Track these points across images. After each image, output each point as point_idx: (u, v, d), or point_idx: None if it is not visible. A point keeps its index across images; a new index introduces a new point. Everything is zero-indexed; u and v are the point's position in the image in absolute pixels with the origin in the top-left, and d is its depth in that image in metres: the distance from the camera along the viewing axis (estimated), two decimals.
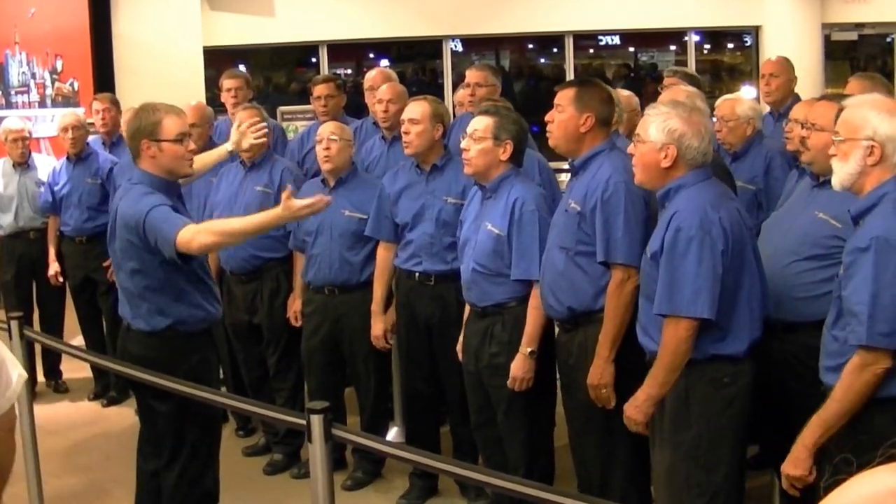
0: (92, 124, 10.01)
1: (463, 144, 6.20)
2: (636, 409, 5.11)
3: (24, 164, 9.82)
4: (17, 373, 3.16)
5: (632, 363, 5.29)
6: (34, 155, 10.17)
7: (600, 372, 5.53)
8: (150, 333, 5.79)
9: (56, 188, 9.51)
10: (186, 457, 5.88)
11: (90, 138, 9.71)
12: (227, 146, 6.81)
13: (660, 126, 4.98)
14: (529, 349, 6.01)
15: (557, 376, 6.14)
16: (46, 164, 10.01)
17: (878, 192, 4.39)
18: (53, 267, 9.60)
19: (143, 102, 5.90)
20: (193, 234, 5.46)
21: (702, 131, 5.01)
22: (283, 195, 5.47)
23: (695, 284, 4.79)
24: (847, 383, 4.28)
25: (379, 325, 7.16)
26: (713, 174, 5.18)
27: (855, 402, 4.27)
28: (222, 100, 9.62)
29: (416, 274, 6.94)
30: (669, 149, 4.95)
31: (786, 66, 8.72)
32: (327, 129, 7.36)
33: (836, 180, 4.50)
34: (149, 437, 6.06)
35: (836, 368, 4.39)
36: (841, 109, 4.62)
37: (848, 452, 4.21)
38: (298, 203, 5.45)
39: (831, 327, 4.52)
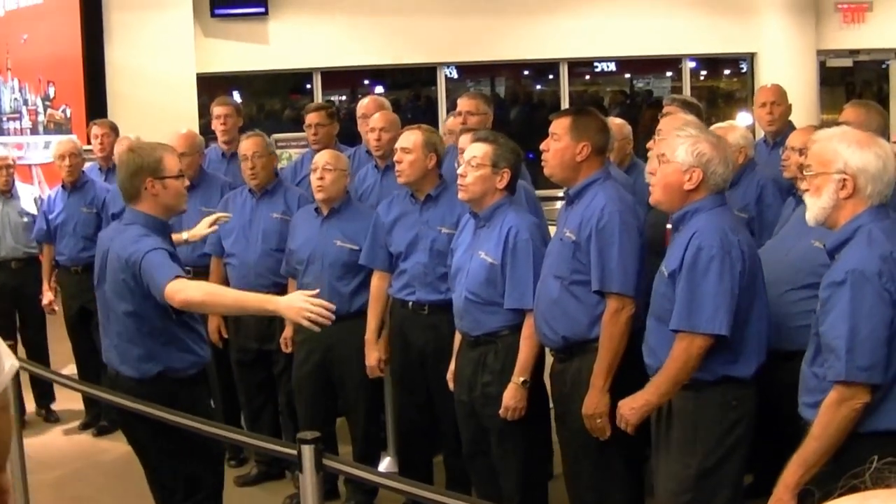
0: (88, 150, 9.97)
1: (460, 171, 6.18)
2: (632, 411, 5.12)
3: (7, 192, 9.77)
4: (10, 363, 3.57)
5: (627, 393, 5.27)
6: (18, 185, 10.11)
7: (595, 402, 5.50)
8: (141, 381, 5.74)
9: (51, 216, 9.44)
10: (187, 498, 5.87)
11: (85, 165, 9.66)
12: (184, 235, 6.82)
13: (689, 149, 5.00)
14: (522, 378, 5.98)
15: (551, 405, 6.11)
16: (30, 194, 9.97)
17: (852, 225, 4.40)
18: (48, 296, 9.54)
19: (132, 142, 5.90)
20: (182, 287, 5.39)
21: (727, 159, 5.08)
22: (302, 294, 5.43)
23: (715, 302, 4.83)
24: (825, 420, 4.26)
25: (373, 355, 7.11)
26: None
27: (835, 439, 4.25)
28: (213, 127, 9.60)
29: (410, 303, 6.91)
30: (695, 172, 4.98)
31: (784, 93, 8.72)
32: (322, 158, 7.33)
33: (810, 215, 4.52)
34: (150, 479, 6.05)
35: (816, 405, 4.38)
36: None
37: (811, 484, 4.19)
38: (305, 299, 5.34)
39: (810, 363, 4.51)
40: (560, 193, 6.12)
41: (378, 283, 7.13)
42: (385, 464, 7.90)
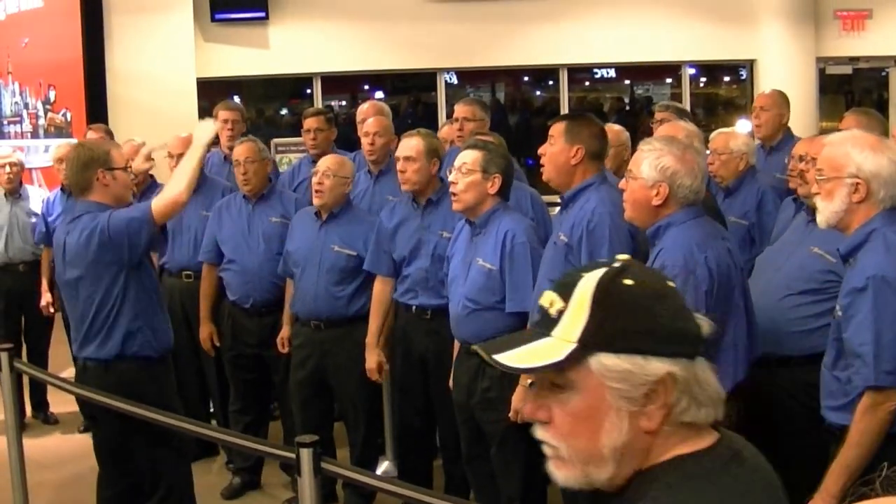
0: None
1: (451, 178, 6.19)
2: None
3: (14, 192, 9.77)
4: None
5: None
6: (28, 186, 10.12)
7: None
8: (106, 364, 5.90)
9: (50, 219, 9.42)
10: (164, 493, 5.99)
11: None
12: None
13: (653, 163, 4.95)
14: (529, 381, 5.94)
15: None
16: (39, 196, 9.97)
17: (865, 228, 4.40)
18: (46, 297, 9.54)
19: (85, 140, 6.40)
20: (169, 192, 6.09)
21: (695, 169, 4.98)
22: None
23: None
24: (862, 426, 4.27)
25: (373, 358, 7.09)
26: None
27: (872, 443, 4.25)
28: (217, 131, 9.58)
29: (413, 307, 6.92)
30: (661, 187, 4.93)
31: (777, 100, 8.59)
32: (324, 164, 7.33)
33: (822, 218, 4.53)
34: (112, 478, 6.21)
35: (840, 408, 4.40)
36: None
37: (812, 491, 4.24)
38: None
39: (831, 368, 4.51)
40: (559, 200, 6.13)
41: (381, 287, 7.12)
42: (384, 467, 7.89)
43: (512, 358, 2.14)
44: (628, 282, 2.11)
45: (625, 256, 2.18)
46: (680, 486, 2.06)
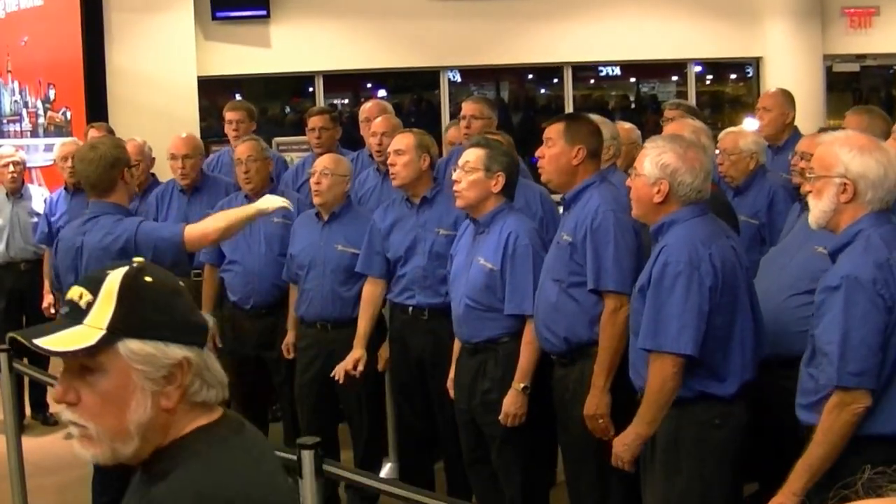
0: None
1: (454, 176, 6.19)
2: (625, 447, 5.08)
3: (16, 192, 9.74)
4: None
5: (629, 394, 5.22)
6: (29, 186, 10.09)
7: (596, 402, 5.52)
8: None
9: (53, 219, 9.39)
10: None
11: None
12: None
13: (654, 160, 5.00)
14: (522, 385, 5.98)
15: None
16: (41, 195, 9.94)
17: (852, 229, 4.43)
18: (48, 299, 9.49)
19: (95, 138, 6.38)
20: (201, 227, 6.03)
21: (696, 167, 5.00)
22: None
23: (680, 320, 4.79)
24: (827, 424, 4.29)
25: (357, 354, 6.95)
26: (712, 210, 5.20)
27: (837, 443, 4.28)
28: (226, 131, 9.60)
29: (410, 308, 6.91)
30: (662, 184, 4.96)
31: (780, 99, 8.50)
32: (321, 163, 7.33)
33: (812, 217, 4.58)
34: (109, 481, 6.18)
35: (811, 406, 4.44)
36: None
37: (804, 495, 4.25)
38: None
39: (807, 365, 4.56)
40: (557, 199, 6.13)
41: (371, 289, 7.09)
42: (386, 470, 7.86)
43: (49, 342, 2.40)
44: (148, 279, 2.47)
45: (140, 259, 2.54)
46: (206, 451, 2.45)
